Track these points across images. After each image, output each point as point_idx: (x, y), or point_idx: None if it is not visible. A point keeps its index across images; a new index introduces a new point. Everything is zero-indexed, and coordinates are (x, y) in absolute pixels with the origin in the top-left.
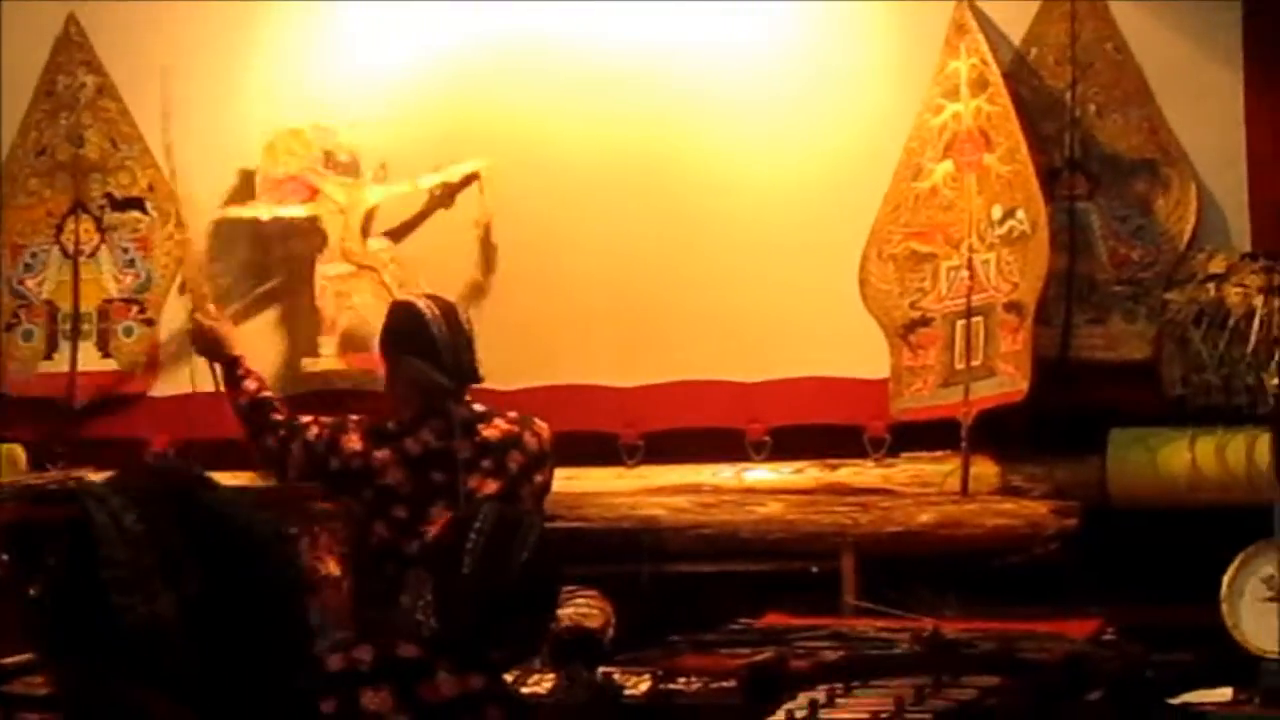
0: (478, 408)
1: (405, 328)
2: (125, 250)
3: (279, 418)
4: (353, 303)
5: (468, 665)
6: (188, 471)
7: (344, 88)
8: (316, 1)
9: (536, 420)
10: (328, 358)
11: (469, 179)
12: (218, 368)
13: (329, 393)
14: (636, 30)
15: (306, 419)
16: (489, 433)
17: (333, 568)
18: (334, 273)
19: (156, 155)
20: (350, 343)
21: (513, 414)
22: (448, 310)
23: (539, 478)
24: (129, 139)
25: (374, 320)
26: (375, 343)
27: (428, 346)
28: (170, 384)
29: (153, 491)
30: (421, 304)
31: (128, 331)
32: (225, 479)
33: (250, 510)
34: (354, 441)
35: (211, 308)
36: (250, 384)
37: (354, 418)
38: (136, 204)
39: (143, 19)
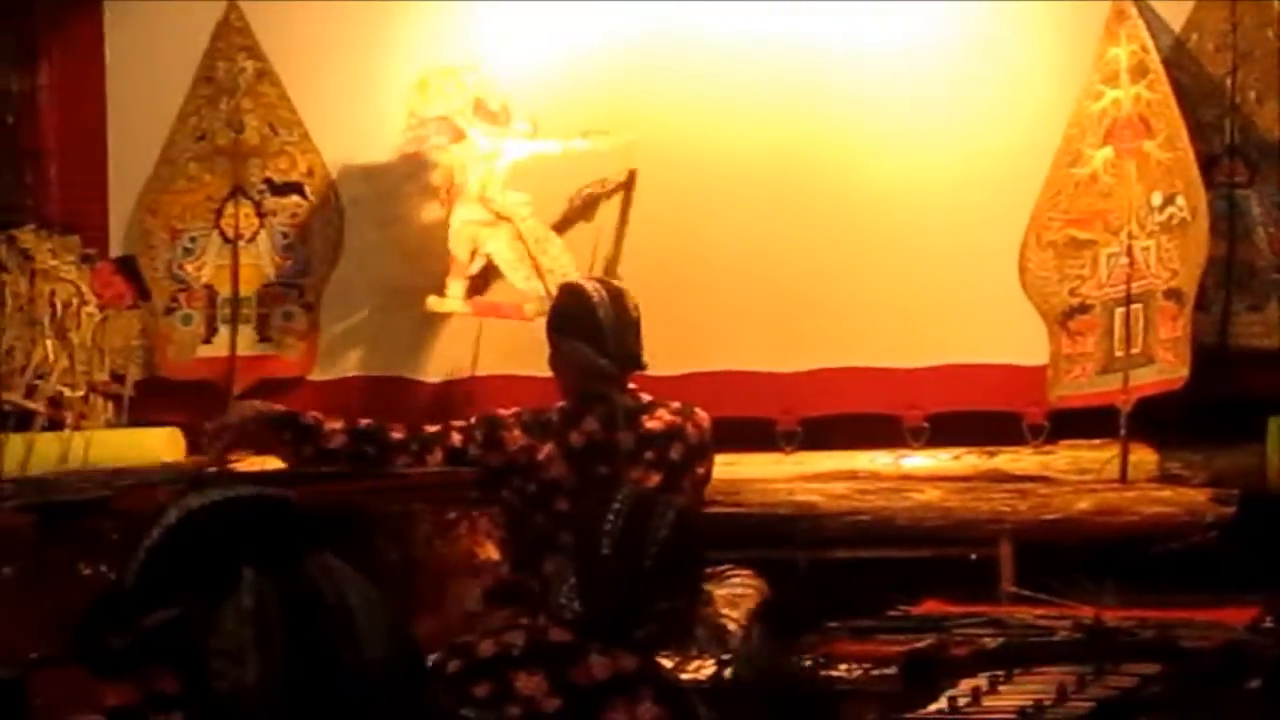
0: (642, 398)
1: (571, 311)
2: (284, 234)
3: (400, 436)
4: (486, 250)
5: (615, 646)
6: (321, 560)
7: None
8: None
9: (698, 410)
10: (454, 300)
11: (619, 187)
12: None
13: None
14: (792, 25)
15: (434, 429)
16: (652, 424)
17: (491, 552)
18: (470, 218)
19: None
20: (477, 288)
21: (675, 404)
22: (615, 295)
23: (700, 469)
24: (288, 124)
25: (505, 270)
26: (501, 290)
27: (593, 330)
28: (329, 368)
29: (276, 574)
30: (589, 287)
31: (287, 316)
32: None
33: (366, 599)
34: (516, 436)
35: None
36: (334, 424)
37: (505, 412)
38: (296, 188)
39: (299, 7)
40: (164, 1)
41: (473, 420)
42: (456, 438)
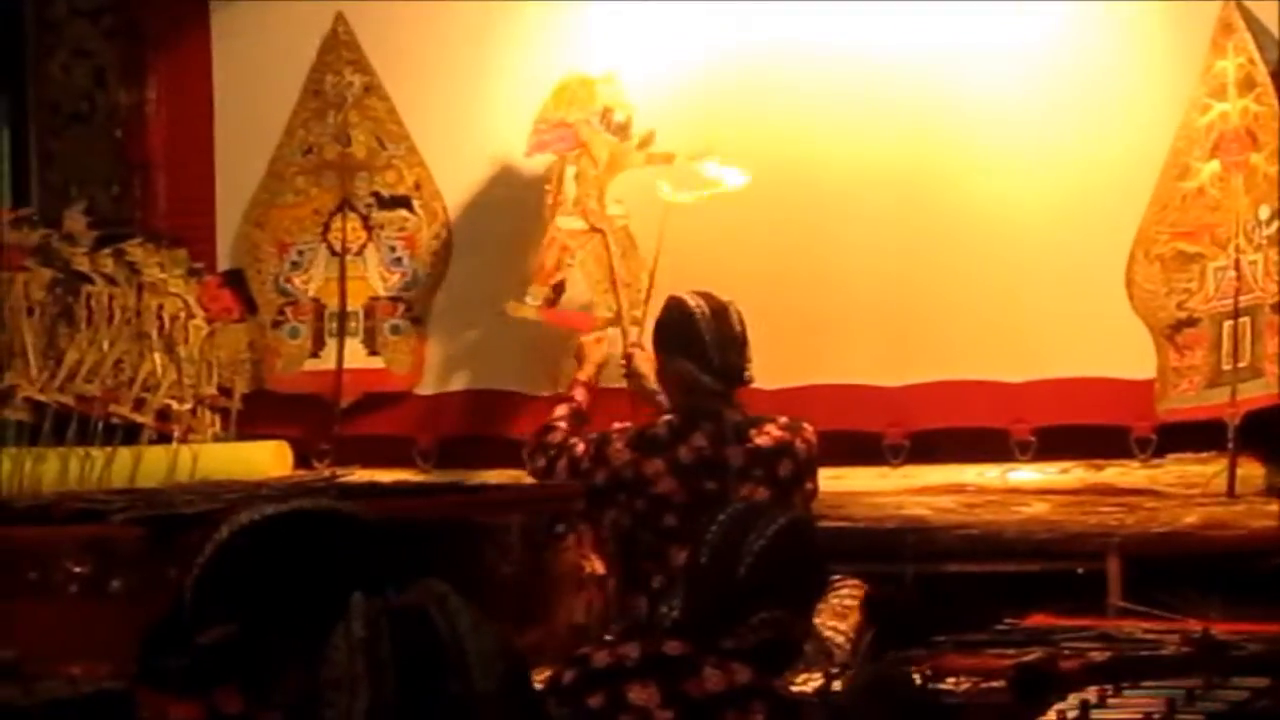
0: (750, 413)
1: (674, 326)
2: (392, 248)
3: (554, 439)
4: (573, 260)
5: (729, 658)
6: (432, 587)
7: None
8: (573, 2)
9: (805, 425)
10: (530, 307)
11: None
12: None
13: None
14: (903, 42)
15: (575, 439)
16: (761, 440)
17: (597, 566)
18: (566, 227)
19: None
20: (555, 299)
21: (784, 419)
22: (719, 310)
23: (809, 485)
24: (396, 138)
25: (583, 282)
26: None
27: (696, 347)
28: (436, 381)
29: (388, 602)
30: (692, 302)
31: (394, 329)
32: (491, 476)
33: (478, 630)
34: (622, 452)
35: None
36: (559, 408)
37: (618, 427)
38: (403, 202)
39: (407, 17)
40: (271, 16)
41: (593, 435)
42: (580, 448)
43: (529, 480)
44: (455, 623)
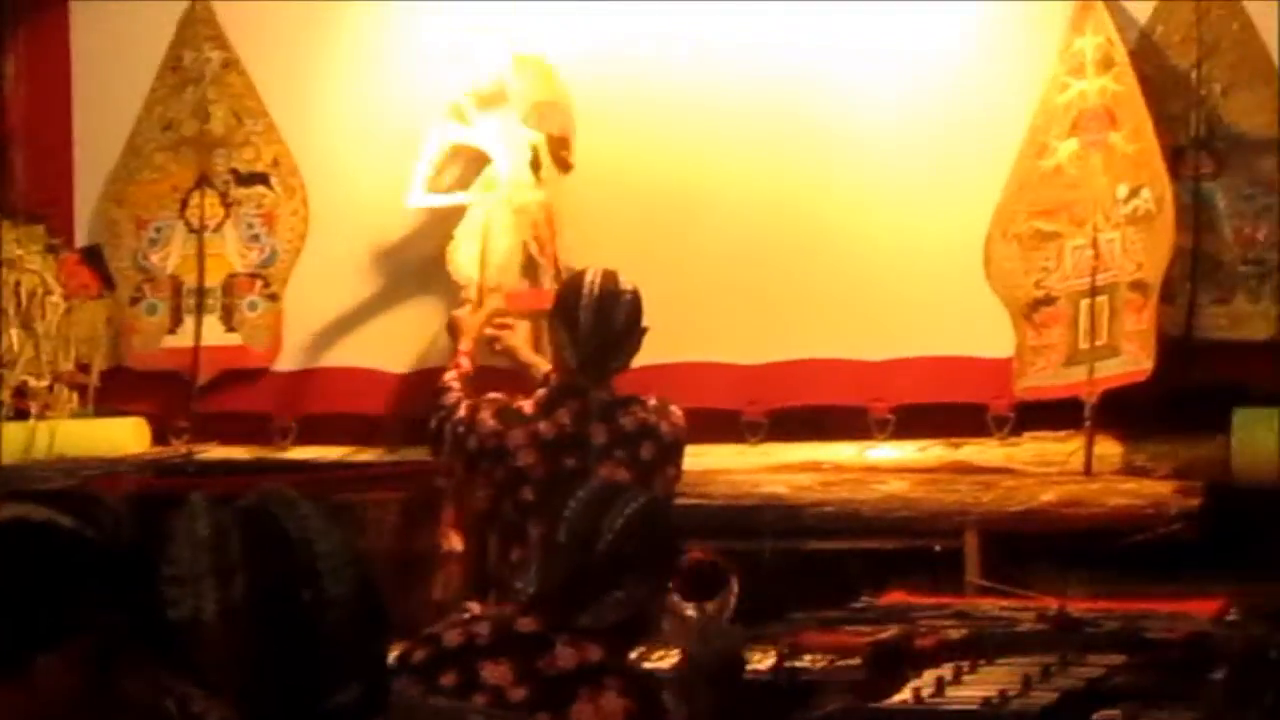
0: (619, 393)
1: (564, 297)
2: (250, 225)
3: (446, 401)
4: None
5: (580, 635)
6: (280, 492)
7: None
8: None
9: (674, 409)
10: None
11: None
12: None
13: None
14: (763, 29)
15: (465, 402)
16: (625, 420)
17: (455, 543)
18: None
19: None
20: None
21: (653, 402)
22: (608, 297)
23: (672, 469)
24: (254, 114)
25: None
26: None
27: (571, 325)
28: (294, 358)
29: (233, 504)
30: (587, 281)
31: (252, 306)
32: (346, 454)
33: (328, 535)
34: (487, 421)
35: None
36: (449, 373)
37: (490, 397)
38: (261, 179)
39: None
40: None
41: (471, 402)
42: (461, 413)
43: (386, 457)
44: (306, 529)
